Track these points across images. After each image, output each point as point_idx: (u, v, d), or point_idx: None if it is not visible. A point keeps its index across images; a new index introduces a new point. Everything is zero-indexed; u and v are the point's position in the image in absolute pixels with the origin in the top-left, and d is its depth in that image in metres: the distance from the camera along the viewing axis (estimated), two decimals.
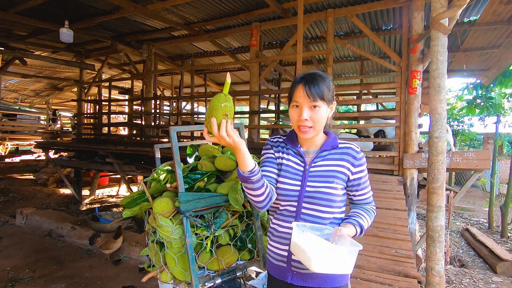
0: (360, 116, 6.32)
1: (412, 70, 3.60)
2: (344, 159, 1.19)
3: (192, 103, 8.74)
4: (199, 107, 12.12)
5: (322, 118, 1.14)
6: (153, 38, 6.34)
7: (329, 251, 0.98)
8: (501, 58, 5.08)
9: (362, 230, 1.16)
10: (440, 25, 2.23)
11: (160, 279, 1.66)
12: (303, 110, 1.13)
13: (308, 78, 1.14)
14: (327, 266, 0.98)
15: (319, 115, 1.13)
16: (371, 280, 2.25)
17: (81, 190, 6.93)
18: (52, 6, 4.76)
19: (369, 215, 1.22)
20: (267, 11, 4.57)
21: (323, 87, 1.13)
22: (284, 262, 1.19)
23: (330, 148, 1.21)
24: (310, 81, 1.13)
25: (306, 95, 1.11)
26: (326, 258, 0.97)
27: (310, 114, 1.13)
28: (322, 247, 0.98)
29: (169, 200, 1.63)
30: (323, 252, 0.97)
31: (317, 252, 0.97)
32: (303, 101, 1.13)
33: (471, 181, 3.55)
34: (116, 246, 3.76)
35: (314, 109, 1.13)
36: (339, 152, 1.21)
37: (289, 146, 1.26)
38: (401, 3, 3.85)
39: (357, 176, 1.21)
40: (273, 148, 1.29)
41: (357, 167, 1.20)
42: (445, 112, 2.27)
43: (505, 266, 4.22)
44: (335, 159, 1.20)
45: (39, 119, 12.48)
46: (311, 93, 1.11)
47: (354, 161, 1.19)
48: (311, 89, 1.11)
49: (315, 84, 1.12)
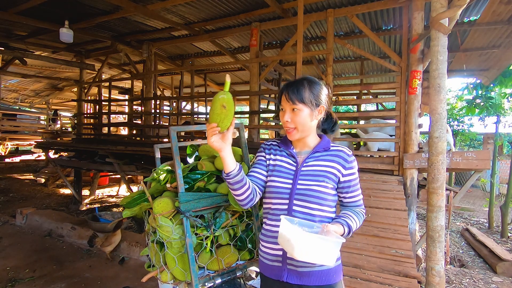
0: (360, 116, 6.32)
1: (412, 70, 3.60)
2: (335, 160, 1.25)
3: (192, 103, 8.73)
4: (199, 107, 12.11)
5: (303, 120, 1.22)
6: (153, 38, 6.34)
7: (312, 241, 1.02)
8: (501, 58, 5.07)
9: (350, 231, 1.19)
10: (440, 25, 2.23)
11: (160, 279, 1.66)
12: (285, 113, 1.24)
13: (290, 84, 1.25)
14: (309, 254, 1.02)
15: (299, 117, 1.21)
16: (371, 280, 2.25)
17: (81, 190, 6.93)
18: (52, 6, 4.76)
19: (358, 217, 1.25)
20: (267, 11, 4.58)
21: (304, 91, 1.21)
22: (279, 262, 1.24)
23: (322, 150, 1.28)
24: (290, 86, 1.23)
25: (286, 99, 1.22)
26: (309, 247, 1.01)
27: (291, 116, 1.22)
28: (306, 237, 1.02)
29: (169, 200, 1.63)
30: (307, 241, 1.01)
31: (301, 241, 1.01)
32: (285, 105, 1.24)
33: (471, 181, 3.55)
34: (116, 240, 3.75)
35: (294, 112, 1.22)
36: (330, 154, 1.27)
37: (282, 148, 1.34)
38: (401, 3, 3.85)
39: (348, 179, 1.26)
40: (265, 151, 1.38)
41: (347, 170, 1.25)
42: (445, 112, 2.27)
43: (505, 266, 4.22)
44: (326, 160, 1.26)
45: (39, 119, 12.47)
46: (289, 97, 1.21)
47: (345, 163, 1.25)
48: (289, 94, 1.21)
49: (294, 88, 1.22)
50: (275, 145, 1.38)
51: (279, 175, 1.27)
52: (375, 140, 4.35)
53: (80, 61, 7.62)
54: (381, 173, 3.93)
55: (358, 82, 8.27)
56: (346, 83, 9.02)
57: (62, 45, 6.80)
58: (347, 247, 2.63)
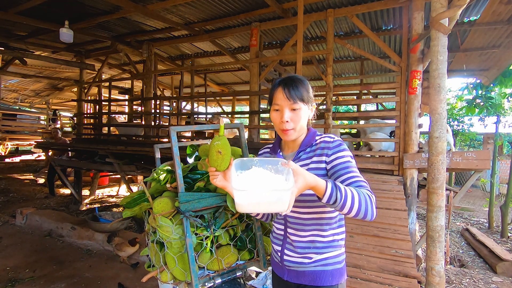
0: (360, 116, 6.32)
1: (412, 70, 3.60)
2: (318, 153, 1.18)
3: (192, 103, 8.74)
4: (199, 107, 12.12)
5: (302, 119, 1.17)
6: (153, 38, 6.34)
7: (246, 192, 0.93)
8: (501, 58, 5.07)
9: (339, 192, 0.96)
10: (440, 25, 2.23)
11: (160, 279, 1.66)
12: (284, 112, 1.15)
13: (287, 81, 1.17)
14: (246, 206, 0.95)
15: (299, 116, 1.16)
16: (371, 280, 2.25)
17: (81, 190, 6.93)
18: (52, 6, 4.76)
19: (358, 191, 1.01)
20: (267, 11, 4.58)
21: (302, 89, 1.16)
22: (279, 261, 1.27)
23: (305, 148, 1.22)
24: (289, 84, 1.16)
25: (286, 97, 1.14)
26: (245, 199, 0.93)
27: (290, 115, 1.16)
28: (241, 186, 0.95)
29: (169, 200, 1.63)
30: (240, 191, 0.93)
31: (235, 192, 0.94)
32: (284, 104, 1.15)
33: (471, 181, 3.55)
34: (129, 251, 3.73)
35: (294, 111, 1.16)
36: (313, 149, 1.20)
37: (272, 155, 1.31)
38: (401, 3, 3.85)
39: (335, 163, 1.13)
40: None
41: (332, 155, 1.15)
42: (445, 112, 2.27)
43: (505, 266, 4.22)
44: (309, 158, 1.20)
45: (39, 119, 12.47)
46: (290, 95, 1.14)
47: (328, 151, 1.16)
48: (291, 92, 1.14)
49: (293, 86, 1.15)
50: (266, 152, 1.37)
51: None
52: (377, 140, 4.35)
53: (80, 61, 7.62)
54: (381, 173, 3.94)
55: (358, 82, 8.27)
56: (346, 83, 9.02)
57: (62, 45, 6.80)
58: (347, 247, 2.63)
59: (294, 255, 1.21)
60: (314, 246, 1.18)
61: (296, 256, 1.20)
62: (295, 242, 1.21)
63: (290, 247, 1.23)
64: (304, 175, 0.94)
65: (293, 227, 1.22)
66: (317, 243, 1.19)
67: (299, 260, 1.20)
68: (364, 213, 1.01)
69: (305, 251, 1.19)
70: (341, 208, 0.98)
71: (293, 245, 1.22)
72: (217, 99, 11.98)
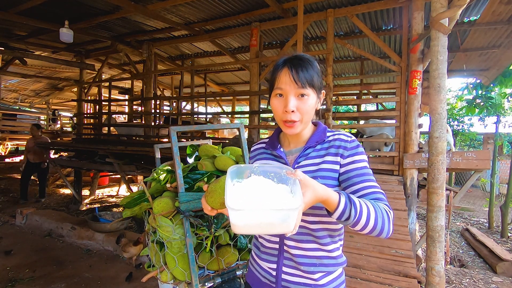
0: (360, 116, 6.32)
1: (412, 70, 3.60)
2: (331, 153, 0.98)
3: (192, 103, 8.74)
4: (199, 107, 12.13)
5: (311, 109, 0.95)
6: (153, 38, 6.34)
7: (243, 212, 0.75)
8: (501, 58, 5.08)
9: (354, 207, 0.82)
10: (440, 25, 2.23)
11: (160, 279, 1.66)
12: (288, 100, 0.92)
13: (295, 61, 0.93)
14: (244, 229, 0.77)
15: (307, 105, 0.93)
16: (371, 280, 2.25)
17: (81, 190, 6.93)
18: (52, 6, 4.76)
19: (375, 206, 0.86)
20: (267, 11, 4.58)
21: (312, 71, 0.93)
22: (272, 282, 1.01)
23: (315, 144, 1.00)
24: (297, 64, 0.92)
25: (293, 80, 0.91)
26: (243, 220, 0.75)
27: (297, 104, 0.93)
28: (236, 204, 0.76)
29: (169, 200, 1.63)
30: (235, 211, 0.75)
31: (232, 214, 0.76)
32: (289, 89, 0.92)
33: (471, 181, 3.55)
34: (132, 252, 3.72)
35: (302, 98, 0.93)
36: (325, 147, 0.99)
37: (269, 151, 1.08)
38: (401, 3, 3.85)
39: (349, 168, 0.95)
40: (250, 160, 1.16)
41: (347, 158, 0.96)
42: (445, 112, 2.27)
43: (505, 266, 4.22)
44: (320, 156, 0.98)
45: (39, 119, 12.48)
46: (299, 78, 0.91)
47: (343, 152, 0.97)
48: (299, 74, 0.91)
49: (303, 67, 0.92)
50: (261, 147, 1.14)
51: None
52: (380, 141, 4.35)
53: (80, 61, 7.62)
54: (381, 173, 3.94)
55: (358, 82, 8.28)
56: (346, 83, 9.03)
57: (62, 45, 6.80)
58: (347, 247, 2.63)
59: (298, 273, 0.97)
60: (321, 263, 0.97)
61: (300, 275, 0.97)
62: (297, 257, 0.97)
63: (291, 263, 0.99)
64: (314, 187, 0.78)
65: (295, 238, 0.98)
66: (324, 259, 0.97)
67: (303, 280, 0.97)
68: (379, 232, 0.86)
69: (311, 269, 0.96)
70: (353, 225, 0.84)
71: (295, 261, 0.98)
72: (217, 99, 11.98)
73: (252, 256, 1.14)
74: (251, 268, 1.13)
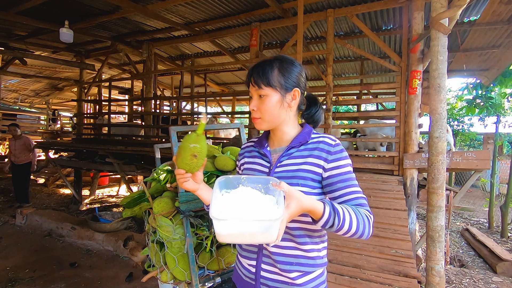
0: (360, 116, 6.32)
1: (412, 70, 3.61)
2: (314, 155, 1.00)
3: (192, 103, 8.74)
4: (199, 107, 12.13)
5: (270, 107, 1.00)
6: (153, 38, 6.34)
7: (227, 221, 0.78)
8: (501, 58, 5.08)
9: (337, 216, 0.87)
10: (440, 25, 2.23)
11: (160, 279, 1.66)
12: (252, 100, 1.04)
13: (256, 65, 1.03)
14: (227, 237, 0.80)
15: (265, 105, 1.00)
16: (371, 280, 2.25)
17: (81, 190, 6.93)
18: (52, 6, 4.76)
19: (356, 213, 0.91)
20: (267, 11, 4.58)
21: (272, 72, 0.99)
22: (252, 280, 1.04)
23: (298, 145, 1.03)
24: (257, 68, 1.02)
25: (253, 83, 1.02)
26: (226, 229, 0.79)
27: (257, 104, 1.02)
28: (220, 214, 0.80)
29: (169, 200, 1.63)
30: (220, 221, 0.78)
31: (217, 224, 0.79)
32: (252, 91, 1.03)
33: (471, 181, 3.55)
34: (141, 256, 3.71)
35: (261, 98, 1.01)
36: (309, 148, 1.02)
37: (257, 148, 1.13)
38: (401, 3, 3.85)
39: (333, 173, 0.98)
40: (239, 158, 1.20)
41: (331, 162, 0.98)
42: (445, 112, 2.27)
43: (505, 266, 4.22)
44: (302, 157, 1.01)
45: (39, 119, 12.48)
46: (255, 80, 1.00)
47: (327, 156, 0.98)
48: (255, 77, 1.01)
49: (259, 69, 1.01)
50: (250, 145, 1.18)
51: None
52: (377, 140, 4.35)
53: (80, 61, 7.62)
54: (381, 173, 3.94)
55: (358, 82, 8.27)
56: (346, 83, 9.03)
57: (62, 45, 6.80)
58: (347, 247, 2.63)
59: (275, 270, 1.00)
60: (298, 263, 0.99)
61: (277, 273, 1.00)
62: (274, 255, 0.99)
63: (269, 261, 1.01)
64: (299, 198, 0.83)
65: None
66: (300, 258, 0.99)
67: (280, 278, 1.00)
68: (359, 236, 0.92)
69: (287, 268, 0.98)
70: (336, 231, 0.89)
71: (272, 259, 1.00)
72: (217, 99, 11.98)
73: (236, 255, 1.17)
74: (235, 267, 1.16)
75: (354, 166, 1.31)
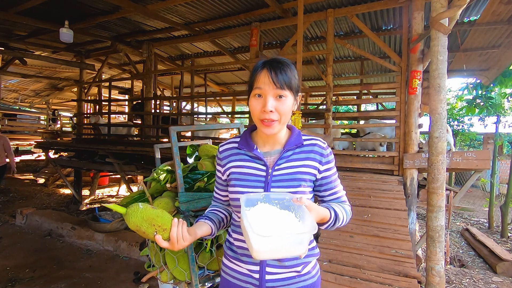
0: (360, 116, 6.32)
1: (412, 70, 3.60)
2: (310, 157, 1.04)
3: (192, 103, 8.74)
4: (199, 107, 12.12)
5: (289, 110, 0.99)
6: (153, 38, 6.34)
7: (270, 240, 0.80)
8: (501, 58, 5.08)
9: (337, 218, 1.01)
10: (440, 25, 2.23)
11: (160, 279, 1.66)
12: (267, 100, 0.95)
13: (273, 63, 0.97)
14: (268, 254, 0.83)
15: (285, 106, 0.97)
16: (371, 280, 2.25)
17: (81, 190, 6.93)
18: (52, 6, 4.76)
19: (345, 211, 1.06)
20: (267, 11, 4.58)
21: (290, 74, 0.98)
22: (255, 285, 1.01)
23: (294, 147, 1.04)
24: (276, 67, 0.96)
25: (272, 81, 0.94)
26: (267, 246, 0.80)
27: (275, 104, 0.96)
28: (259, 237, 0.79)
29: (169, 200, 1.63)
30: (262, 240, 0.79)
31: (255, 240, 0.80)
32: (268, 89, 0.95)
33: (471, 181, 3.55)
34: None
35: (280, 99, 0.96)
36: (305, 151, 1.05)
37: (244, 151, 1.07)
38: (401, 3, 3.85)
39: (326, 175, 1.07)
40: (221, 160, 1.13)
41: (325, 165, 1.06)
42: (445, 112, 2.27)
43: (505, 266, 4.22)
44: (300, 159, 1.04)
45: (39, 119, 12.48)
46: (277, 79, 0.94)
47: (321, 159, 1.05)
48: (278, 75, 0.94)
49: (281, 69, 0.96)
50: (232, 147, 1.11)
51: (246, 184, 1.02)
52: (377, 140, 4.35)
53: (80, 61, 7.62)
54: (381, 173, 3.93)
55: (358, 82, 8.27)
56: (346, 83, 9.03)
57: (62, 45, 6.80)
58: (347, 247, 2.63)
59: (282, 270, 1.00)
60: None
61: (285, 271, 1.01)
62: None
63: (275, 262, 1.01)
64: (317, 210, 0.91)
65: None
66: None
67: (288, 275, 1.01)
68: (340, 226, 1.06)
69: (293, 263, 1.01)
70: (330, 229, 1.03)
71: (278, 260, 1.00)
72: (217, 99, 11.98)
73: (225, 263, 1.11)
74: (224, 276, 1.10)
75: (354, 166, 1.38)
